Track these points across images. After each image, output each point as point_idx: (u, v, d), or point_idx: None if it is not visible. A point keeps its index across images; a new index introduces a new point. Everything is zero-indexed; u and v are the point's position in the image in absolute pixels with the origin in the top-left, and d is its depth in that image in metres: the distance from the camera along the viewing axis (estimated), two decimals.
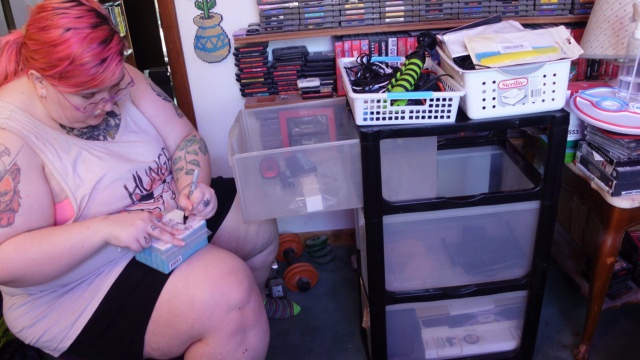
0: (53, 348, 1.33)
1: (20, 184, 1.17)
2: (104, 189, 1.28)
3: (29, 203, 1.19)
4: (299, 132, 2.13)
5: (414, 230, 1.64)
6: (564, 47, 1.37)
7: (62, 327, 1.30)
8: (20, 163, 1.18)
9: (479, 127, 1.39)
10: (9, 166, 1.17)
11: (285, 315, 2.08)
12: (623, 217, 1.53)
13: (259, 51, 1.98)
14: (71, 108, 1.22)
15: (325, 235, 2.48)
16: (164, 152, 1.47)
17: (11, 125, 1.19)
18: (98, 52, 1.15)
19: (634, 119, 1.48)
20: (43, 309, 1.31)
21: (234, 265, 1.31)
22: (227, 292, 1.26)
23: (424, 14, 1.93)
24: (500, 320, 1.80)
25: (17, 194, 1.17)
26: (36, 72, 1.18)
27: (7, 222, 1.17)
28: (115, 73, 1.19)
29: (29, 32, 1.17)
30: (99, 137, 1.35)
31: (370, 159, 1.39)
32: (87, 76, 1.16)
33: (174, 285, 1.27)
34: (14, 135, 1.18)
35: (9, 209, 1.16)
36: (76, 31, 1.14)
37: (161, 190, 1.42)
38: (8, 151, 1.17)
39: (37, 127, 1.23)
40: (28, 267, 1.18)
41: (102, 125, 1.36)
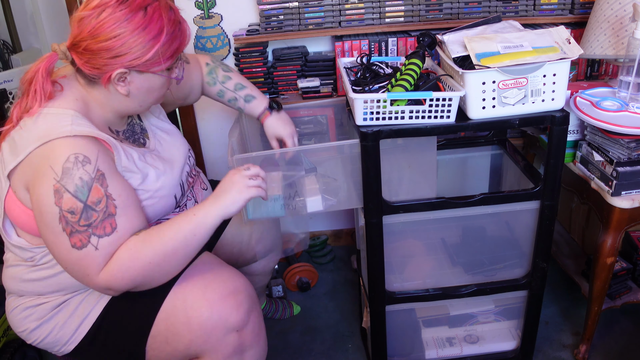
0: (56, 350, 1.32)
1: (109, 187, 1.13)
2: (160, 199, 1.28)
3: (123, 202, 1.15)
4: (299, 132, 2.13)
5: (414, 230, 1.64)
6: (563, 47, 1.37)
7: (68, 329, 1.29)
8: (102, 167, 1.13)
9: (479, 127, 1.39)
10: (94, 173, 1.11)
11: (285, 316, 2.08)
12: (623, 217, 1.53)
13: (259, 51, 1.98)
14: (163, 85, 1.23)
15: (325, 235, 2.48)
16: (191, 152, 1.47)
17: (78, 129, 1.12)
18: (174, 18, 1.18)
19: (634, 119, 1.48)
20: (50, 311, 1.29)
21: (235, 286, 1.28)
22: (226, 315, 1.23)
23: (424, 14, 1.93)
24: (500, 320, 1.80)
25: (110, 198, 1.13)
26: (123, 69, 1.14)
27: (110, 229, 1.13)
28: (189, 29, 1.24)
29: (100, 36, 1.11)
30: (140, 140, 1.34)
31: (370, 159, 1.39)
32: (177, 42, 1.19)
33: (173, 304, 1.24)
34: (85, 140, 1.12)
35: (108, 216, 1.12)
36: (152, 7, 1.14)
37: (185, 199, 1.40)
38: (88, 159, 1.11)
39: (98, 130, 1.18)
40: (146, 270, 1.16)
41: (138, 129, 1.35)
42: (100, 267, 1.13)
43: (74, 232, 1.10)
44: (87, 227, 1.10)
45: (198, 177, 1.51)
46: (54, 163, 1.09)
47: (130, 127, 1.34)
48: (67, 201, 1.09)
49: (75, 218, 1.10)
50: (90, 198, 1.10)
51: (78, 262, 1.12)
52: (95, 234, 1.11)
